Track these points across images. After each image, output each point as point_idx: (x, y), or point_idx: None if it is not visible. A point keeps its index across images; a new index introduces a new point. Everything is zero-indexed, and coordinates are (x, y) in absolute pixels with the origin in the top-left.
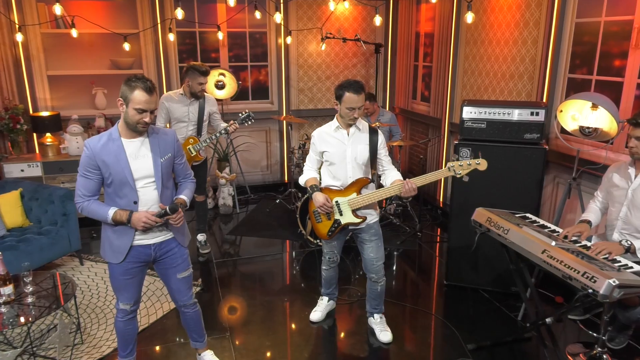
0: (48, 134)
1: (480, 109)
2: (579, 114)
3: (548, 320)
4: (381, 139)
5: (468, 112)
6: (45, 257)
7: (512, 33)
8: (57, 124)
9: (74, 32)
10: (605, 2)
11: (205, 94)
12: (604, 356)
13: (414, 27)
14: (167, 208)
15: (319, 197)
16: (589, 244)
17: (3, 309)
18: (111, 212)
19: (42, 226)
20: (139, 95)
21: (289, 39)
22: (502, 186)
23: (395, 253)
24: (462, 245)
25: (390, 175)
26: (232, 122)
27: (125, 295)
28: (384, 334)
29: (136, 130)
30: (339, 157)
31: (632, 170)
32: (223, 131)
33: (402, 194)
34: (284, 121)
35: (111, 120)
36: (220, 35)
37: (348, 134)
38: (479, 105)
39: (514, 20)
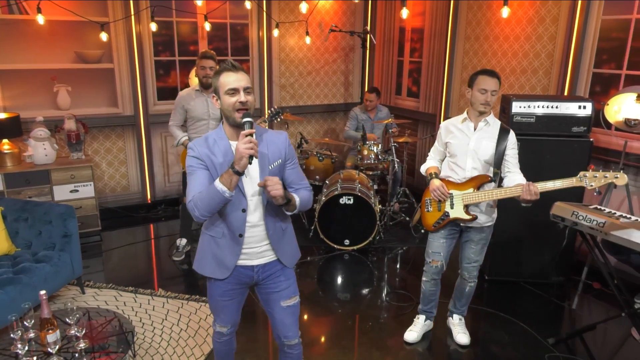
0: (5, 140)
1: (530, 103)
2: (617, 107)
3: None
4: (512, 139)
5: (517, 107)
6: (50, 288)
7: (524, 29)
8: (16, 128)
9: (40, 19)
10: (637, 1)
11: None
12: None
13: (397, 22)
14: (242, 121)
15: (435, 182)
16: None
17: None
18: (216, 182)
19: (35, 251)
20: (225, 77)
21: (275, 32)
22: (547, 178)
23: (415, 250)
24: (503, 239)
25: (514, 179)
26: (259, 120)
27: (221, 317)
28: (462, 336)
29: (235, 122)
30: (461, 149)
31: None
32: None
33: (521, 197)
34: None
35: (82, 123)
36: (208, 26)
37: (475, 128)
38: (528, 100)
39: (526, 16)
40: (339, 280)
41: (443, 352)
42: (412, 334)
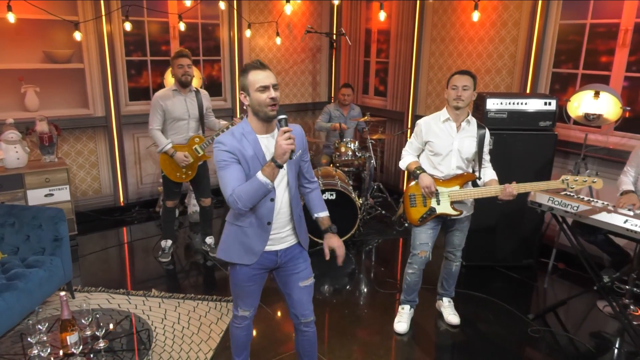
0: None
1: (502, 100)
2: (577, 103)
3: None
4: (488, 136)
5: (492, 104)
6: (44, 293)
7: (488, 32)
8: None
9: (11, 17)
10: (591, 7)
11: (199, 88)
12: (631, 306)
13: (363, 24)
14: (277, 118)
15: (426, 178)
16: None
17: None
18: (259, 174)
19: (24, 257)
20: (255, 75)
21: (248, 33)
22: (516, 168)
23: (394, 240)
24: (476, 228)
25: (487, 174)
26: (236, 118)
27: (246, 301)
28: (453, 317)
29: (266, 115)
30: (445, 149)
31: None
32: (225, 129)
33: (499, 197)
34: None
35: (54, 124)
36: (182, 26)
37: (458, 129)
38: (501, 97)
39: (489, 20)
40: (326, 273)
41: (437, 333)
42: (402, 324)
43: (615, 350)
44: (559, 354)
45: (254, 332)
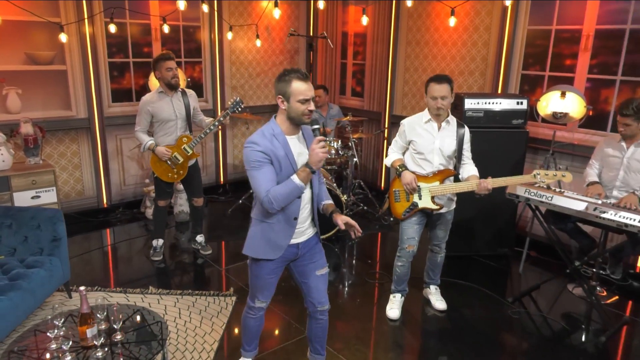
0: None
1: (479, 100)
2: (546, 102)
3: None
4: (467, 134)
5: (469, 104)
6: (46, 293)
7: (461, 36)
8: None
9: None
10: (556, 13)
11: (185, 89)
12: (598, 287)
13: (339, 27)
14: (312, 128)
15: (408, 175)
16: (608, 200)
17: (99, 354)
18: (294, 177)
19: (22, 257)
20: (299, 86)
21: (229, 35)
22: (492, 163)
23: (379, 235)
24: (455, 220)
25: (467, 170)
26: (222, 114)
27: (265, 293)
28: (440, 303)
29: (301, 122)
30: (427, 148)
31: (623, 144)
32: (212, 126)
33: (476, 192)
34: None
35: (39, 126)
36: (167, 29)
37: (439, 128)
38: (477, 97)
39: (462, 25)
40: None
41: (426, 318)
42: (395, 311)
43: (584, 327)
44: (536, 331)
45: None
